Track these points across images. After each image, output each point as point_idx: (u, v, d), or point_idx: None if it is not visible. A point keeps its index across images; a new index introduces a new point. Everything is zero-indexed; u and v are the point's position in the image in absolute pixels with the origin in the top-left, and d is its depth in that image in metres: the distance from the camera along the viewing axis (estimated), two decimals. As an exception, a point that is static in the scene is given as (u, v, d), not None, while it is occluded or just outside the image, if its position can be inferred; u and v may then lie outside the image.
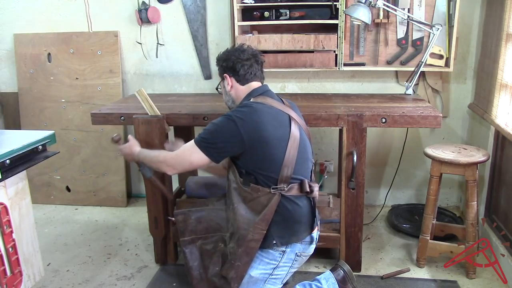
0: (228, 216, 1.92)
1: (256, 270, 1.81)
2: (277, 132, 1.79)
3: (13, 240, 1.99)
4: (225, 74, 1.93)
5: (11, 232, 1.99)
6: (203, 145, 1.78)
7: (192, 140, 1.82)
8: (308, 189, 1.82)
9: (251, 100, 1.87)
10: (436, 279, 2.28)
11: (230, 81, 1.92)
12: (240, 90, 1.92)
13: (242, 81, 1.91)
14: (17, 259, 2.02)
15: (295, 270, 1.92)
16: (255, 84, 1.92)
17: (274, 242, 1.79)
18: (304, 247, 1.86)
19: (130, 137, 2.10)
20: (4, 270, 1.94)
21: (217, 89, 2.06)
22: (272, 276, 1.84)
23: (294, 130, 1.82)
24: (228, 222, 1.97)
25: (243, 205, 1.81)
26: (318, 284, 1.88)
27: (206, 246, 1.94)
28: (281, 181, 1.77)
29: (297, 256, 1.85)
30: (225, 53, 1.95)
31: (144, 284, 2.30)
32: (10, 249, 1.97)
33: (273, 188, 1.77)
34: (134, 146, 2.06)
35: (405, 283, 2.26)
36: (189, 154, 1.82)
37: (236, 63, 1.89)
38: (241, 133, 1.73)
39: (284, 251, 1.81)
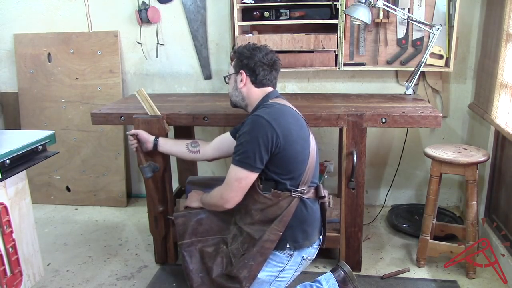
0: (240, 218, 1.90)
1: (263, 272, 1.81)
2: (301, 133, 1.81)
3: (13, 240, 1.99)
4: (242, 71, 1.88)
5: (11, 232, 1.99)
6: (246, 161, 1.72)
7: (231, 165, 1.76)
8: (323, 194, 1.85)
9: (270, 102, 1.85)
10: (436, 279, 2.28)
11: (245, 79, 1.89)
12: (253, 92, 1.90)
13: (258, 84, 1.89)
14: (17, 259, 2.02)
15: (298, 273, 1.92)
16: (269, 89, 1.92)
17: (288, 245, 1.80)
18: (310, 251, 1.88)
19: (190, 195, 2.12)
20: (4, 270, 1.94)
21: (225, 78, 2.02)
22: (278, 279, 1.84)
23: (311, 133, 1.85)
24: (230, 223, 1.97)
25: (261, 211, 1.81)
26: (319, 285, 1.88)
27: (207, 249, 1.93)
28: (303, 183, 1.79)
29: (303, 259, 1.86)
30: (248, 49, 1.89)
31: (144, 284, 2.30)
32: (10, 249, 1.97)
33: (293, 191, 1.78)
34: (194, 201, 2.05)
35: (405, 283, 2.26)
36: (235, 179, 1.76)
37: (257, 66, 1.86)
38: (277, 133, 1.71)
39: (291, 254, 1.82)
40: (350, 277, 1.90)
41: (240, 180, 1.75)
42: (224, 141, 2.09)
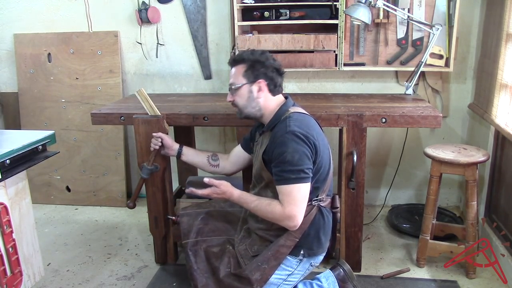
0: (255, 223, 1.88)
1: (273, 275, 1.81)
2: (325, 142, 1.83)
3: (13, 240, 1.99)
4: (260, 80, 1.79)
5: (11, 232, 1.98)
6: (304, 176, 1.68)
7: (286, 186, 1.67)
8: (337, 205, 1.87)
9: (291, 111, 1.80)
10: (436, 279, 2.28)
11: (263, 87, 1.79)
12: (270, 100, 1.82)
13: (274, 91, 1.82)
14: (17, 259, 2.02)
15: (303, 278, 1.93)
16: (282, 96, 1.88)
17: (302, 252, 1.80)
18: (319, 258, 1.88)
19: (221, 183, 1.82)
20: (4, 270, 1.94)
21: (231, 89, 1.84)
22: (286, 282, 1.84)
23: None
24: (237, 225, 1.98)
25: None
26: (318, 283, 1.90)
27: (213, 249, 1.90)
28: (323, 192, 1.80)
29: (311, 265, 1.87)
30: (260, 56, 1.80)
31: (144, 284, 2.30)
32: (10, 249, 1.97)
33: (314, 200, 1.78)
34: (230, 187, 1.82)
35: (405, 283, 2.26)
36: (302, 198, 1.69)
37: (273, 72, 1.80)
38: (316, 145, 1.72)
39: (301, 260, 1.83)
40: (350, 276, 1.92)
41: (306, 196, 1.71)
42: (240, 154, 2.11)
